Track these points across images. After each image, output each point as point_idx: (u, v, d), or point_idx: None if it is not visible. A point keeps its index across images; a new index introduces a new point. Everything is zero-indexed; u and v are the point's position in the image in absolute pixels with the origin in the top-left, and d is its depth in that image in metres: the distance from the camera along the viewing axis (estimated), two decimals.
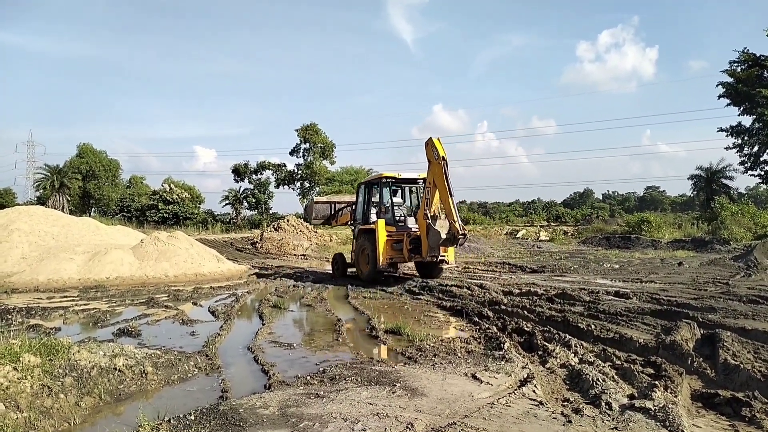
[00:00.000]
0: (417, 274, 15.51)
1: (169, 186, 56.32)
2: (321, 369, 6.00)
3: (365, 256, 14.32)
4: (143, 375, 5.64)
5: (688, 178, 60.87)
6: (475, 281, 13.82)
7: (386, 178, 14.53)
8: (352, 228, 16.19)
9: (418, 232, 13.41)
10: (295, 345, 7.42)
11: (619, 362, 6.06)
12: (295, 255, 24.84)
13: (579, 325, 7.92)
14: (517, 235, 33.46)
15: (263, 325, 8.73)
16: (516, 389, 5.07)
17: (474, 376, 5.46)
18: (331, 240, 30.04)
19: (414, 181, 14.70)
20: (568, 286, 12.65)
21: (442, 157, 12.34)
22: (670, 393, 4.94)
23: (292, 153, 57.56)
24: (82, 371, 5.26)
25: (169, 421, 4.22)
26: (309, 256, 24.22)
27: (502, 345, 6.88)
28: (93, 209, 61.57)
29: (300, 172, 55.68)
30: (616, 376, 5.53)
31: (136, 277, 14.93)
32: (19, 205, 42.34)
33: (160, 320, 9.34)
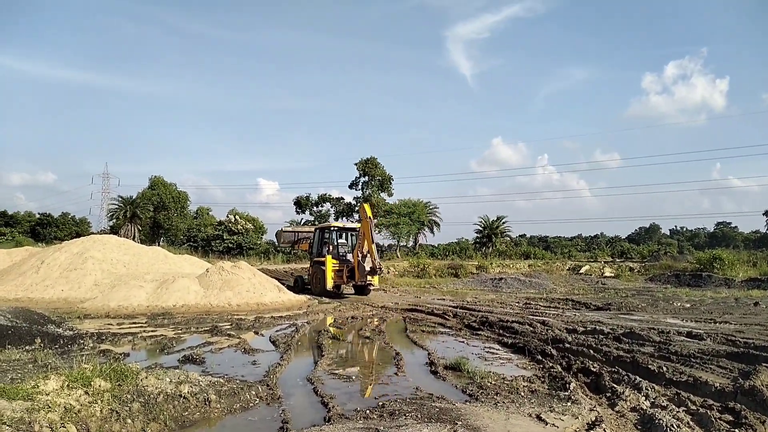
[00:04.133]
0: (354, 292, 20.71)
1: (234, 217, 58.17)
2: (380, 403, 5.94)
3: (318, 279, 20.05)
4: (207, 403, 5.75)
5: (764, 214, 57.44)
6: (537, 317, 13.43)
7: (334, 226, 21.19)
8: (310, 257, 22.27)
9: (353, 264, 19.02)
10: (353, 377, 7.40)
11: (694, 407, 5.68)
12: (371, 286, 24.94)
13: (649, 366, 7.51)
14: (580, 271, 32.33)
15: (322, 356, 8.76)
16: None
17: (539, 417, 5.25)
18: (388, 272, 30.03)
19: (354, 229, 20.86)
20: (636, 325, 12.06)
21: (369, 217, 18.23)
22: None
23: (351, 186, 58.66)
24: (149, 397, 5.43)
25: None
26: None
27: (567, 385, 6.60)
28: (162, 239, 64.41)
29: (359, 205, 56.42)
30: (691, 422, 5.19)
31: (201, 305, 15.39)
32: (93, 233, 44.97)
33: (223, 348, 9.55)
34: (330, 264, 19.37)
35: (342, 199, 59.50)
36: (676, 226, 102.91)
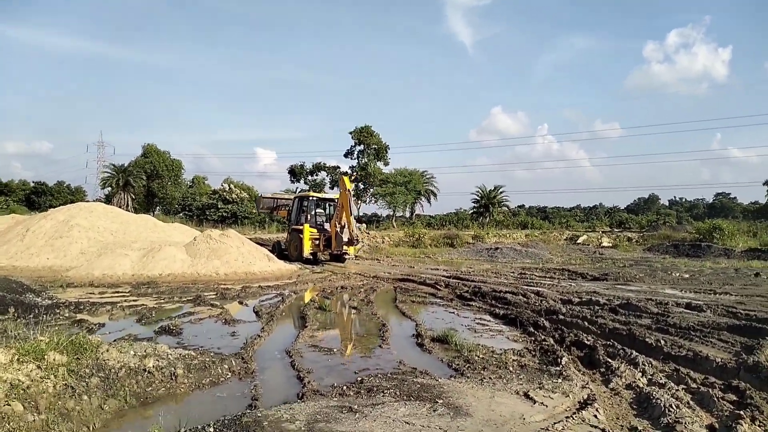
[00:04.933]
0: (329, 259, 21.02)
1: (229, 186, 57.62)
2: (359, 378, 5.58)
3: (295, 246, 20.76)
4: (173, 377, 5.38)
5: (764, 184, 56.95)
6: (531, 288, 13.08)
7: (313, 196, 21.96)
8: (287, 225, 23.31)
9: (330, 234, 19.79)
10: (335, 350, 7.04)
11: (694, 385, 5.32)
12: (346, 255, 24.60)
13: (647, 339, 7.16)
14: (578, 241, 31.98)
15: (305, 327, 8.40)
16: (574, 412, 4.47)
17: (526, 395, 4.89)
18: (383, 241, 29.69)
19: (332, 199, 21.37)
20: (634, 296, 11.71)
21: (348, 189, 18.62)
22: (759, 426, 4.21)
23: (346, 155, 57.97)
24: (110, 372, 5.05)
25: None
26: (360, 257, 23.89)
27: (559, 360, 6.25)
28: (158, 208, 63.87)
29: (354, 173, 55.85)
30: (692, 402, 4.83)
31: (188, 275, 15.02)
32: (88, 202, 44.37)
33: (203, 319, 9.19)
34: (308, 232, 20.12)
35: (338, 167, 58.95)
36: (675, 197, 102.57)
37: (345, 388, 5.21)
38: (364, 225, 32.40)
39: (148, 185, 58.15)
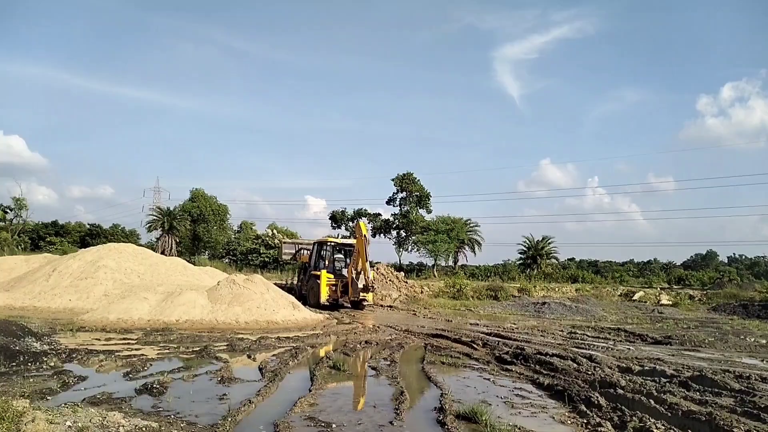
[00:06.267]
0: (351, 306, 20.40)
1: (272, 231, 57.53)
2: None
3: (313, 292, 20.14)
4: None
5: None
6: (582, 351, 11.37)
7: (331, 241, 21.63)
8: (306, 270, 22.44)
9: (348, 280, 19.43)
10: (334, 425, 5.71)
11: None
12: (382, 306, 23.26)
13: (734, 431, 5.52)
14: (634, 297, 29.46)
15: (309, 392, 7.12)
16: None
17: None
18: (422, 292, 28.12)
19: (351, 245, 20.53)
20: (706, 365, 9.88)
21: (364, 235, 18.42)
22: None
23: (388, 202, 57.16)
24: None
25: None
26: (396, 308, 22.48)
27: None
28: (206, 252, 64.23)
29: (396, 221, 54.88)
30: None
31: (206, 321, 14.06)
32: (141, 246, 44.78)
33: (198, 375, 8.07)
34: (324, 278, 19.91)
35: (379, 215, 58.06)
36: (734, 254, 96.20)
37: None
38: (402, 273, 30.91)
39: (194, 229, 58.70)
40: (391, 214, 57.10)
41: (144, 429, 4.88)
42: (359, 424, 5.87)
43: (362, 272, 18.63)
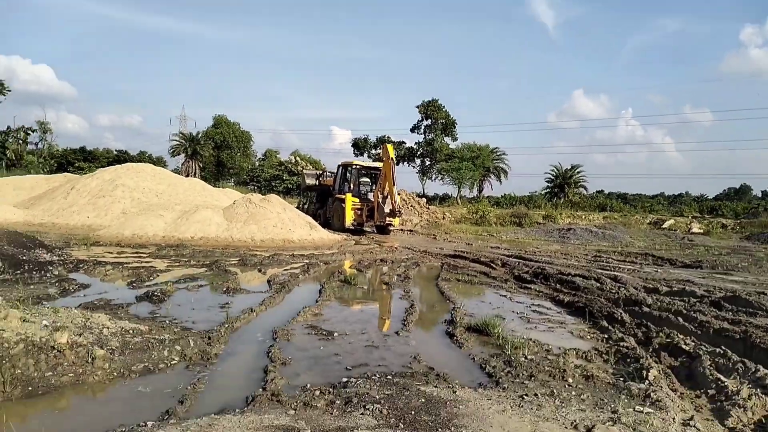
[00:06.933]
0: (375, 231, 19.90)
1: (295, 158, 57.21)
2: (345, 380, 3.91)
3: (338, 216, 19.69)
4: (90, 360, 3.91)
5: None
6: (607, 273, 10.84)
7: (356, 164, 20.58)
8: (331, 194, 21.25)
9: (374, 204, 18.62)
10: (335, 335, 5.37)
11: None
12: (402, 230, 22.94)
13: None
14: (663, 225, 28.54)
15: (315, 303, 6.81)
16: None
17: None
18: (443, 218, 27.67)
19: (377, 168, 19.49)
20: (740, 288, 9.28)
21: (391, 158, 17.51)
22: None
23: (413, 130, 55.73)
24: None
25: None
26: (416, 232, 22.14)
27: (644, 371, 4.28)
28: (232, 180, 64.46)
29: (420, 149, 53.77)
30: None
31: (222, 239, 13.86)
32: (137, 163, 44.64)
33: (204, 286, 7.83)
34: (350, 202, 19.18)
35: (403, 143, 56.91)
36: None
37: (317, 394, 3.55)
38: (424, 200, 30.40)
39: (218, 155, 58.65)
40: (415, 142, 55.91)
41: (130, 331, 4.59)
42: (363, 333, 5.53)
43: (389, 196, 17.95)
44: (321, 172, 24.82)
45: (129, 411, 3.32)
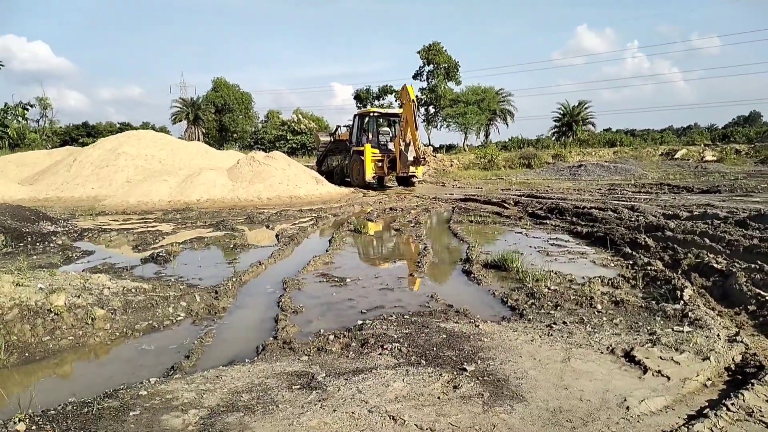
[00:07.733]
0: (398, 184, 19.09)
1: (297, 116, 56.24)
2: (360, 322, 3.68)
3: (357, 170, 18.04)
4: (89, 322, 3.71)
5: None
6: (623, 203, 10.50)
7: (374, 112, 18.93)
8: (348, 147, 19.24)
9: (395, 154, 17.19)
10: (348, 280, 5.14)
11: None
12: (414, 178, 22.57)
13: None
14: (676, 156, 27.92)
15: (326, 251, 6.58)
16: (726, 391, 2.34)
17: (629, 356, 2.79)
18: (451, 165, 27.21)
19: (396, 115, 18.27)
20: (764, 207, 8.92)
21: (412, 100, 15.87)
22: None
23: (415, 77, 54.09)
24: None
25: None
26: (424, 181, 21.79)
27: (678, 292, 4.01)
28: (236, 144, 63.76)
29: (424, 96, 52.50)
30: None
31: (228, 200, 13.64)
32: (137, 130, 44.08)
33: (210, 244, 7.62)
34: (369, 153, 17.31)
35: None
36: None
37: (331, 338, 3.33)
38: (431, 148, 29.86)
39: (220, 119, 57.88)
40: (419, 89, 54.48)
41: (133, 290, 4.38)
42: (376, 277, 5.30)
43: (411, 143, 16.30)
44: (336, 127, 22.62)
45: (133, 370, 3.12)
